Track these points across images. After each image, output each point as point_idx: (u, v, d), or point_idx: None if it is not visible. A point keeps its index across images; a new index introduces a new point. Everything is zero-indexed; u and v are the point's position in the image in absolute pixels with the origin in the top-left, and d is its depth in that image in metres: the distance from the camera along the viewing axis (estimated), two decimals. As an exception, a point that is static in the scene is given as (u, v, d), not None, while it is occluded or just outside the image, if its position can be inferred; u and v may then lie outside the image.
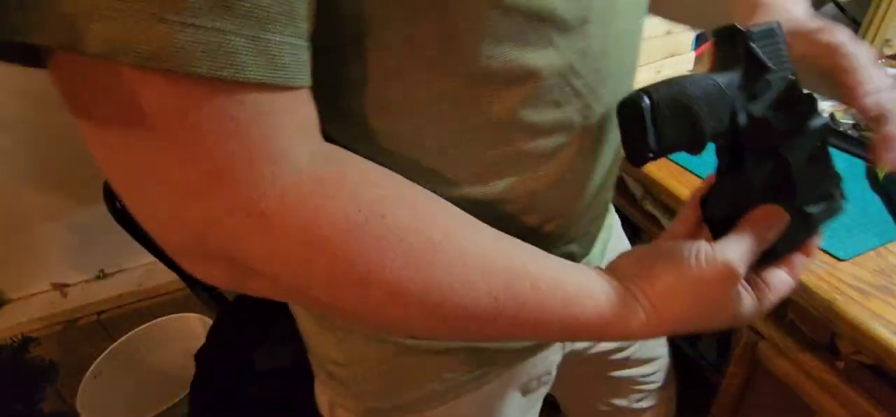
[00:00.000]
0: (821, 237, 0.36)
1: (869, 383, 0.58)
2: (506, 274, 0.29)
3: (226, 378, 0.82)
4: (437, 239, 0.27)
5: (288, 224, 0.24)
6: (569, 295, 0.30)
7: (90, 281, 1.30)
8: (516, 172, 0.33)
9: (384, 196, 0.26)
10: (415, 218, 0.27)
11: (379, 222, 0.25)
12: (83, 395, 1.09)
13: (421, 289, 0.26)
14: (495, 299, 0.28)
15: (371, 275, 0.25)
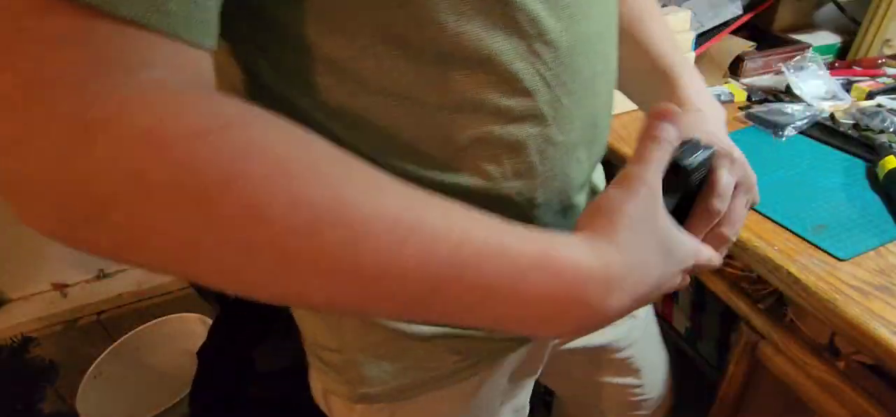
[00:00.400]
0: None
1: (869, 383, 0.58)
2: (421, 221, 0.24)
3: (226, 378, 0.82)
4: (320, 164, 0.22)
5: (119, 134, 0.19)
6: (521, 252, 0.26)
7: (90, 281, 1.30)
8: (487, 159, 0.34)
9: (266, 126, 0.22)
10: (292, 143, 0.22)
11: (241, 132, 0.21)
12: (83, 395, 1.09)
13: (285, 207, 0.21)
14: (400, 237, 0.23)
15: (224, 186, 0.20)
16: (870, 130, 0.78)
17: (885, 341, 0.49)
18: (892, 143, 0.72)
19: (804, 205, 0.66)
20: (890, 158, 0.67)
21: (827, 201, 0.67)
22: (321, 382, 0.49)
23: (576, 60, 0.34)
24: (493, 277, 0.25)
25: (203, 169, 0.20)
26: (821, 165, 0.75)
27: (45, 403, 1.17)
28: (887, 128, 0.77)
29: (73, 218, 0.20)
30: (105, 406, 1.11)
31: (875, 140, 0.74)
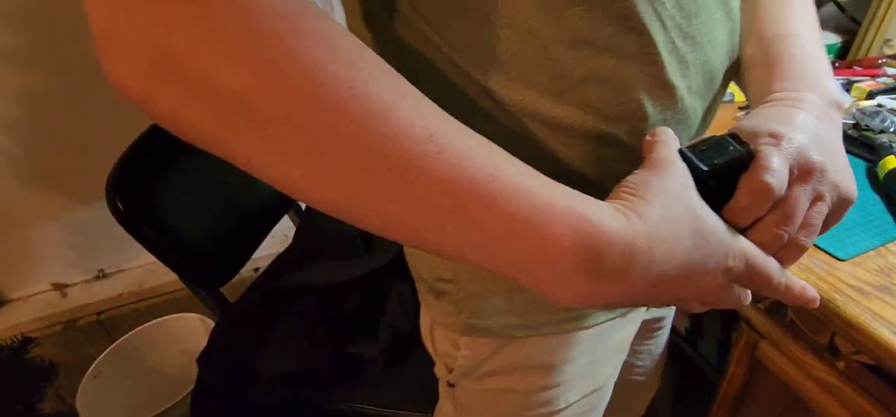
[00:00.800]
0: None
1: (869, 383, 0.58)
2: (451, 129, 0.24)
3: (227, 382, 0.82)
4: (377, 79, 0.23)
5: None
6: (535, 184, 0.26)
7: (90, 281, 1.30)
8: (599, 97, 0.33)
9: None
10: (349, 48, 0.24)
11: (312, 21, 0.22)
12: (83, 395, 1.09)
13: (338, 76, 0.22)
14: (429, 132, 0.23)
15: (288, 58, 0.21)
16: (870, 130, 0.78)
17: (885, 341, 0.49)
18: (892, 143, 0.72)
19: (804, 205, 0.66)
20: (890, 158, 0.67)
21: (827, 201, 0.67)
22: (429, 315, 0.49)
23: (694, 2, 0.33)
24: (519, 213, 0.24)
25: (271, 38, 0.21)
26: (821, 165, 0.75)
27: (45, 403, 1.17)
28: (887, 128, 0.77)
29: (150, 70, 0.22)
30: (105, 406, 1.11)
31: (875, 140, 0.74)
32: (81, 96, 1.08)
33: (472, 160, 0.24)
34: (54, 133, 1.10)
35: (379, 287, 0.90)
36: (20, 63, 1.02)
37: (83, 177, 1.14)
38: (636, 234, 0.26)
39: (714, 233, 0.28)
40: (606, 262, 0.25)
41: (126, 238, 0.73)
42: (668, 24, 0.32)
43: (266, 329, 0.86)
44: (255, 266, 1.31)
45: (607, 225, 0.26)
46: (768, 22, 0.39)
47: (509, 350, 0.45)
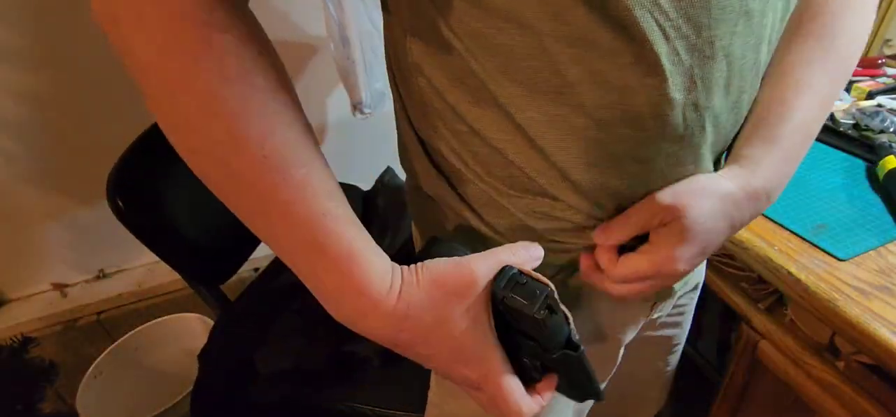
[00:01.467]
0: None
1: (869, 383, 0.58)
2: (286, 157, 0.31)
3: (227, 381, 0.82)
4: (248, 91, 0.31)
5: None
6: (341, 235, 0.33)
7: (90, 281, 1.29)
8: (596, 100, 0.33)
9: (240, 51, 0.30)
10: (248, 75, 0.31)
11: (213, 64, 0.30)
12: (83, 395, 1.08)
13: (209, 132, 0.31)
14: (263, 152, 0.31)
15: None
16: (870, 130, 0.78)
17: (885, 341, 0.49)
18: (892, 143, 0.72)
19: (804, 205, 0.66)
20: (890, 158, 0.67)
21: (827, 201, 0.67)
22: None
23: (700, 15, 0.31)
24: (315, 243, 0.32)
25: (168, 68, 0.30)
26: (821, 165, 0.75)
27: (45, 403, 1.17)
28: (887, 128, 0.77)
29: (109, 17, 0.31)
30: (105, 406, 1.11)
31: (875, 140, 0.74)
32: (81, 96, 1.08)
33: (288, 185, 0.31)
34: (54, 133, 1.10)
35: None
36: (20, 63, 1.02)
37: (83, 177, 1.14)
38: (386, 295, 0.32)
39: (459, 337, 0.33)
40: (355, 302, 0.32)
41: (126, 238, 0.73)
42: (671, 34, 0.31)
43: (266, 327, 0.86)
44: (255, 266, 1.31)
45: (368, 274, 0.33)
46: (795, 78, 0.39)
47: None
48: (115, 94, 1.10)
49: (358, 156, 1.29)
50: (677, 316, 0.59)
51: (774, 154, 0.38)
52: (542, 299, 0.32)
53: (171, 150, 0.34)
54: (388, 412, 0.76)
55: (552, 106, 0.33)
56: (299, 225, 0.31)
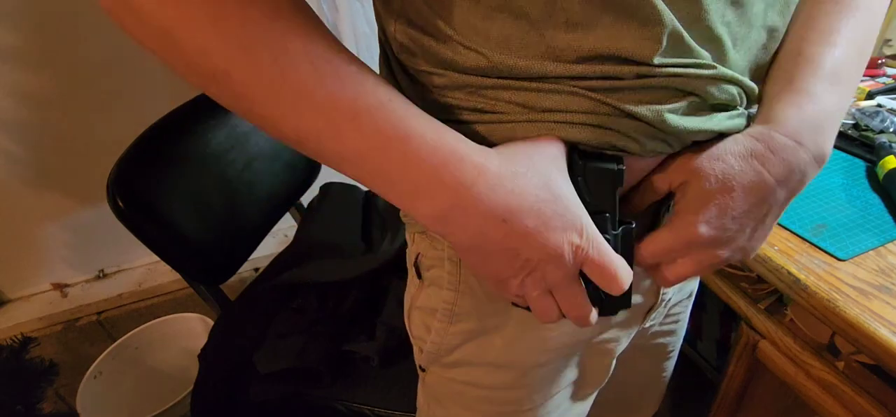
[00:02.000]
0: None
1: (869, 383, 0.58)
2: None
3: (227, 380, 0.82)
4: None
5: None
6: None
7: (90, 281, 1.30)
8: (595, 83, 0.32)
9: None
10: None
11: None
12: (83, 395, 1.09)
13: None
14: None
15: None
16: (870, 130, 0.78)
17: (885, 341, 0.49)
18: (892, 143, 0.72)
19: (804, 205, 0.66)
20: (890, 158, 0.67)
21: (827, 201, 0.67)
22: (410, 297, 0.49)
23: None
24: (384, 130, 0.29)
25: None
26: (821, 165, 0.75)
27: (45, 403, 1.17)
28: (887, 128, 0.77)
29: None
30: (105, 406, 1.11)
31: (875, 140, 0.74)
32: (81, 96, 1.08)
33: (344, 84, 0.29)
34: (54, 133, 1.10)
35: (378, 286, 0.90)
36: (20, 63, 1.02)
37: (83, 177, 1.14)
38: (489, 158, 0.30)
39: (563, 196, 0.31)
40: (458, 171, 0.30)
41: (126, 238, 0.73)
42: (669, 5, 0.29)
43: (266, 327, 0.86)
44: (255, 266, 1.31)
45: (465, 144, 0.30)
46: (817, 29, 0.37)
47: (477, 344, 0.45)
48: (115, 94, 1.10)
49: (358, 156, 1.28)
50: (672, 324, 0.59)
51: (796, 100, 0.35)
52: (615, 159, 0.33)
53: (172, 150, 0.34)
54: (388, 412, 0.76)
55: (549, 87, 0.33)
56: (372, 116, 0.29)
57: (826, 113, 0.35)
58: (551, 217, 0.31)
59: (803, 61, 0.36)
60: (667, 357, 0.64)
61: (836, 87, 0.36)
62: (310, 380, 0.80)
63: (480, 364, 0.46)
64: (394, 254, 0.91)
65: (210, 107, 0.86)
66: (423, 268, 0.45)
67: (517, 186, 0.30)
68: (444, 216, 0.30)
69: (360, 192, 1.11)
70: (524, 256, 0.32)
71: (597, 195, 0.34)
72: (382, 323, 0.83)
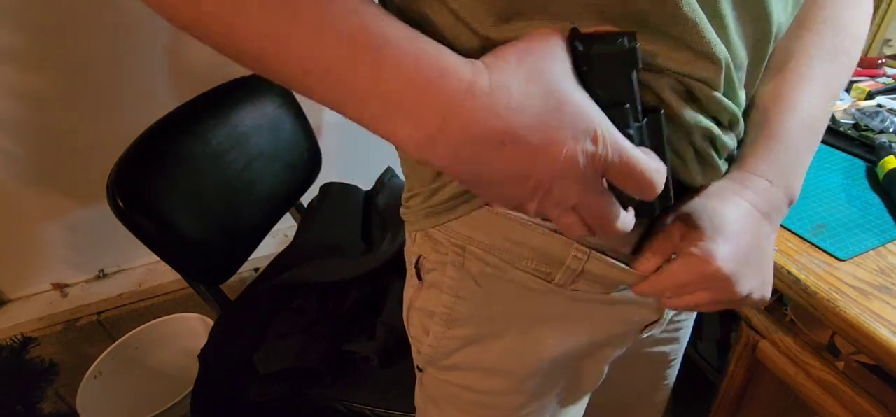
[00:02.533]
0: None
1: (869, 383, 0.58)
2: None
3: (227, 380, 0.82)
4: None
5: None
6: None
7: (90, 281, 1.30)
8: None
9: None
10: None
11: None
12: (83, 395, 1.09)
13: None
14: None
15: None
16: (870, 130, 0.78)
17: (885, 341, 0.49)
18: (892, 143, 0.72)
19: (804, 205, 0.66)
20: (890, 158, 0.67)
21: (827, 201, 0.67)
22: (408, 297, 0.48)
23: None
24: (358, 39, 0.25)
25: None
26: (821, 165, 0.75)
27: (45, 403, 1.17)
28: (887, 128, 0.77)
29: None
30: (105, 406, 1.11)
31: (875, 140, 0.74)
32: (81, 96, 1.08)
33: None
34: (54, 133, 1.10)
35: (378, 286, 0.90)
36: (20, 63, 1.02)
37: (83, 177, 1.14)
38: (478, 71, 0.26)
39: (571, 100, 0.27)
40: (443, 87, 0.25)
41: (126, 238, 0.73)
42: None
43: (266, 327, 0.86)
44: (255, 265, 1.31)
45: (450, 56, 0.26)
46: (794, 68, 0.39)
47: (473, 349, 0.45)
48: (115, 94, 1.10)
49: (358, 156, 1.28)
50: (674, 332, 0.59)
51: (778, 150, 0.38)
52: (625, 36, 0.27)
53: (171, 150, 0.33)
54: (388, 412, 0.76)
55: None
56: (342, 19, 0.24)
57: (796, 155, 0.39)
58: (557, 128, 0.26)
59: (780, 103, 0.39)
60: (668, 365, 0.64)
61: (811, 128, 0.39)
62: (310, 380, 0.80)
63: (476, 370, 0.46)
64: (394, 254, 0.91)
65: (210, 107, 0.86)
66: (423, 271, 0.45)
67: (514, 101, 0.26)
68: (430, 141, 0.26)
69: (361, 192, 1.11)
70: (534, 178, 0.27)
71: (610, 85, 0.28)
72: (382, 323, 0.83)
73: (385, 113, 0.26)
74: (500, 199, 0.30)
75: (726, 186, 0.38)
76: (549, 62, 0.27)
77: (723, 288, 0.36)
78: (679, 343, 0.61)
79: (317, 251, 0.96)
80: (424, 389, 0.53)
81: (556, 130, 0.26)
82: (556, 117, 0.26)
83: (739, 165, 0.39)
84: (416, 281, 0.46)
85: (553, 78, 0.27)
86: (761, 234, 0.37)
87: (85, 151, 1.12)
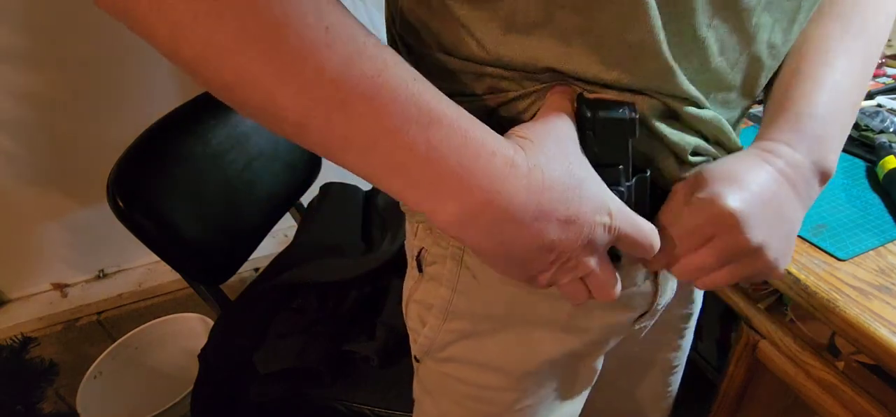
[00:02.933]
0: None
1: (869, 383, 0.58)
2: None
3: (227, 380, 0.82)
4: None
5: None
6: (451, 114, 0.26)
7: (90, 281, 1.30)
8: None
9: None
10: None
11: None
12: (83, 395, 1.09)
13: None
14: (327, 30, 0.23)
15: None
16: (870, 130, 0.78)
17: (885, 341, 0.49)
18: (892, 143, 0.72)
19: (804, 205, 0.66)
20: (890, 158, 0.67)
21: (827, 201, 0.67)
22: (408, 289, 0.48)
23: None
24: (404, 114, 0.25)
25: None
26: (821, 165, 0.75)
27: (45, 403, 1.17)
28: (887, 128, 0.77)
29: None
30: (105, 406, 1.11)
31: (875, 140, 0.74)
32: (81, 96, 1.08)
33: (362, 57, 0.24)
34: (54, 133, 1.10)
35: (378, 286, 0.90)
36: (20, 63, 1.02)
37: (83, 177, 1.14)
38: (517, 151, 0.28)
39: (587, 178, 0.30)
40: (490, 166, 0.26)
41: (126, 238, 0.73)
42: None
43: (265, 326, 0.86)
44: (255, 265, 1.31)
45: (493, 135, 0.27)
46: (816, 49, 0.37)
47: (468, 343, 0.45)
48: (115, 94, 1.10)
49: (358, 156, 1.28)
50: (677, 339, 0.59)
51: (800, 120, 0.35)
52: (627, 107, 0.31)
53: (171, 150, 0.32)
54: (388, 412, 0.76)
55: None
56: (393, 102, 0.25)
57: (823, 127, 0.35)
58: (580, 203, 0.29)
59: (801, 79, 0.36)
60: (672, 371, 0.64)
61: (838, 103, 0.36)
62: (310, 380, 0.80)
63: (471, 363, 0.46)
64: (394, 254, 0.91)
65: (210, 107, 0.86)
66: (425, 263, 0.45)
67: (546, 180, 0.28)
68: (471, 219, 0.27)
69: (360, 192, 1.11)
70: (558, 251, 0.29)
71: (608, 147, 0.32)
72: (382, 323, 0.83)
73: (431, 192, 0.27)
74: (517, 272, 0.31)
75: (743, 153, 0.36)
76: (567, 143, 0.30)
77: (731, 229, 0.32)
78: (682, 349, 0.62)
79: (317, 251, 0.96)
80: (421, 380, 0.53)
81: (580, 206, 0.29)
82: (577, 194, 0.29)
83: (758, 139, 0.37)
84: (417, 274, 0.47)
85: (572, 158, 0.29)
86: (784, 198, 0.34)
87: (85, 151, 1.12)
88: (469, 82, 0.34)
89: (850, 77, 0.37)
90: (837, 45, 0.37)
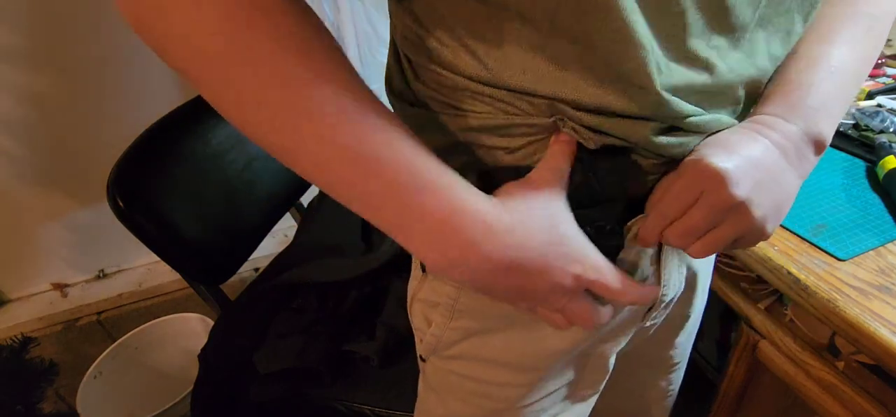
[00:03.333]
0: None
1: (869, 383, 0.58)
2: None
3: (227, 380, 0.82)
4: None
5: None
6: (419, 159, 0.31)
7: (90, 281, 1.30)
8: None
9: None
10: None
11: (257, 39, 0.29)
12: (83, 395, 1.09)
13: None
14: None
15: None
16: (870, 130, 0.78)
17: (885, 341, 0.49)
18: (892, 143, 0.72)
19: (804, 205, 0.66)
20: (890, 158, 0.67)
21: (827, 201, 0.67)
22: (413, 287, 0.48)
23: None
24: (401, 180, 0.30)
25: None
26: (821, 165, 0.75)
27: (45, 403, 1.17)
28: (887, 128, 0.77)
29: (142, 13, 0.29)
30: (105, 406, 1.11)
31: (875, 140, 0.74)
32: (81, 96, 1.08)
33: (366, 124, 0.29)
34: (54, 133, 1.10)
35: (378, 286, 0.90)
36: (20, 63, 1.02)
37: (83, 177, 1.14)
38: (495, 211, 0.32)
39: (568, 236, 0.34)
40: (467, 227, 0.31)
41: (126, 238, 0.73)
42: None
43: (265, 326, 0.86)
44: (255, 265, 1.31)
45: (473, 197, 0.31)
46: (814, 31, 0.38)
47: (476, 340, 0.45)
48: (115, 94, 1.10)
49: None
50: (679, 338, 0.59)
51: (793, 92, 0.36)
52: (624, 153, 0.34)
53: (171, 150, 0.34)
54: (388, 412, 0.76)
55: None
56: (391, 165, 0.30)
57: (817, 98, 0.36)
58: (556, 257, 0.33)
59: (797, 59, 0.37)
60: (672, 370, 0.64)
61: (832, 77, 0.36)
62: (310, 380, 0.80)
63: (478, 360, 0.46)
64: (394, 254, 0.91)
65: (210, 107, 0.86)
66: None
67: (523, 237, 0.32)
68: (451, 266, 0.32)
69: (360, 192, 1.11)
70: (530, 293, 0.34)
71: (607, 189, 0.35)
72: (382, 323, 0.83)
73: (416, 242, 0.32)
74: (499, 300, 0.37)
75: (737, 127, 0.36)
76: (553, 202, 0.33)
77: (716, 186, 0.32)
78: (684, 349, 0.62)
79: (317, 251, 0.96)
80: (427, 379, 0.53)
81: (554, 261, 0.33)
82: (554, 250, 0.33)
83: (752, 114, 0.37)
84: (420, 273, 0.47)
85: (556, 217, 0.33)
86: (773, 164, 0.34)
87: (85, 151, 1.12)
88: (466, 99, 0.35)
89: (851, 52, 0.37)
90: (838, 25, 0.38)
